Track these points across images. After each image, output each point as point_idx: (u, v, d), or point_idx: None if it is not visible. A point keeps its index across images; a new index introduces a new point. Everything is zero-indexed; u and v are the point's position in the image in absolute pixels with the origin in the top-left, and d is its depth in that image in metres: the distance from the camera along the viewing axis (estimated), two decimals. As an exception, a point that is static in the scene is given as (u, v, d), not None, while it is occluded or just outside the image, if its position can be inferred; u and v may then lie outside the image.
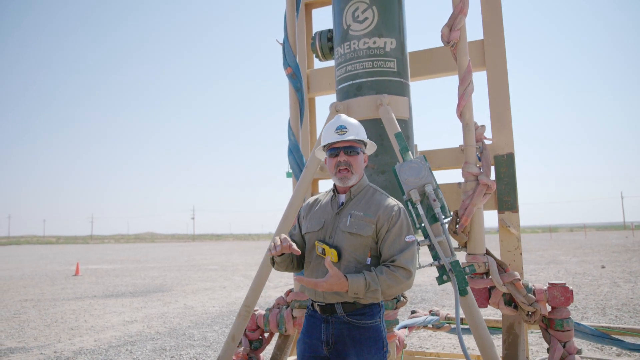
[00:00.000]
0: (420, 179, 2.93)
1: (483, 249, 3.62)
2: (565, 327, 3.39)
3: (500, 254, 3.83)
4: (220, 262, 24.23)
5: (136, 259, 28.19)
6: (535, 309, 3.40)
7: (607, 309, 7.84)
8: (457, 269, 2.63)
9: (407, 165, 2.98)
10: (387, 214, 2.10)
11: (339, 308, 2.06)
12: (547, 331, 3.48)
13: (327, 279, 1.94)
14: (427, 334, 6.16)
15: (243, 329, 3.41)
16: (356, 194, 2.21)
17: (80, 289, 12.82)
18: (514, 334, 3.57)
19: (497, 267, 3.54)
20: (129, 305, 9.68)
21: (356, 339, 2.04)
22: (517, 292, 3.43)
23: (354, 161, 2.19)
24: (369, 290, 1.95)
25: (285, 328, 4.00)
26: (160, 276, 16.36)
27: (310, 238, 2.21)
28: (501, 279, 3.46)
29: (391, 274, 1.98)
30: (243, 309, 3.40)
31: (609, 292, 9.66)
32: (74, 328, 7.42)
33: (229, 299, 10.34)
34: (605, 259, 18.16)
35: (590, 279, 12.01)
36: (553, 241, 37.90)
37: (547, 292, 3.45)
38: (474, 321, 2.89)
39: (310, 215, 2.28)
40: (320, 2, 4.96)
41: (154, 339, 6.45)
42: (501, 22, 4.02)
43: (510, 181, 3.86)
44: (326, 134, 2.27)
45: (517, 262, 3.76)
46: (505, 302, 3.53)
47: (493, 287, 3.55)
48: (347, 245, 2.09)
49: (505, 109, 3.94)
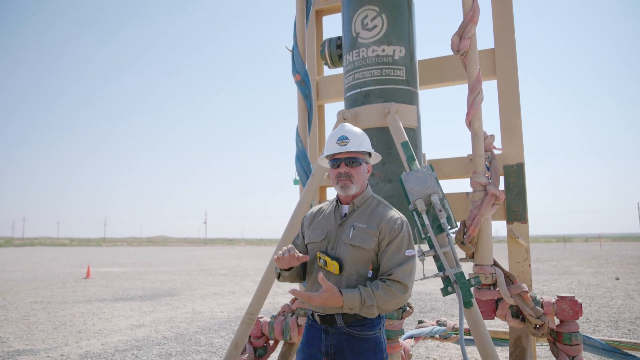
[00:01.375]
0: (426, 189, 2.91)
1: (490, 260, 3.57)
2: (574, 341, 3.33)
3: (509, 265, 3.78)
4: (231, 266, 24.28)
5: (147, 263, 28.36)
6: (543, 322, 3.34)
7: (620, 322, 7.68)
8: (462, 280, 2.60)
9: (413, 175, 2.96)
10: (390, 227, 2.07)
11: (339, 319, 2.04)
12: (555, 345, 3.42)
13: (321, 293, 1.92)
14: (435, 344, 6.09)
15: (246, 336, 3.40)
16: (359, 205, 2.19)
17: (90, 292, 12.91)
18: (521, 347, 3.51)
19: (504, 278, 3.49)
20: (138, 309, 9.72)
21: (356, 350, 2.01)
22: (525, 304, 3.37)
23: (355, 172, 2.16)
24: (364, 305, 1.94)
25: (290, 336, 3.99)
26: (170, 280, 16.43)
27: (313, 248, 2.19)
28: (508, 290, 3.41)
29: (387, 289, 1.96)
30: (246, 316, 3.39)
31: (622, 305, 9.47)
32: (82, 331, 7.46)
33: (237, 305, 10.34)
34: (620, 270, 17.83)
35: (604, 290, 11.80)
36: (567, 251, 37.37)
37: (555, 305, 3.39)
38: (478, 334, 2.85)
39: (314, 225, 2.26)
40: (330, 9, 4.97)
41: (161, 344, 6.46)
42: (513, 32, 3.99)
43: (520, 192, 3.81)
44: (329, 144, 2.25)
45: (526, 273, 3.70)
46: (512, 314, 3.47)
47: (500, 298, 3.50)
48: (349, 257, 2.06)
49: (516, 119, 3.90)
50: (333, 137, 2.23)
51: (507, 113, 3.92)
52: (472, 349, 5.19)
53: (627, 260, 23.91)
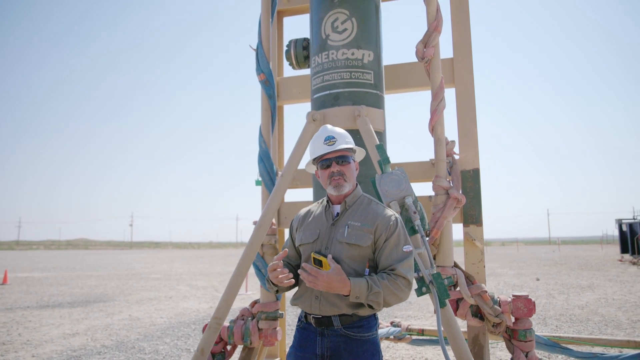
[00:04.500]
0: (400, 191, 2.96)
1: (451, 261, 3.70)
2: (528, 337, 3.52)
3: (465, 266, 3.93)
4: (163, 270, 23.40)
5: (71, 267, 26.63)
6: (501, 320, 3.51)
7: (547, 319, 8.26)
8: (439, 280, 2.66)
9: (388, 177, 3.01)
10: (385, 224, 2.09)
11: (336, 320, 2.02)
12: (511, 342, 3.60)
13: (330, 272, 1.90)
14: (385, 345, 6.21)
15: (213, 342, 3.29)
16: (351, 204, 2.19)
17: (10, 299, 11.90)
18: (479, 345, 3.67)
19: (464, 279, 3.63)
20: (68, 317, 9.09)
21: (354, 353, 2.00)
22: (485, 303, 3.53)
23: (346, 170, 2.17)
24: (371, 292, 1.92)
25: (251, 340, 3.89)
26: (99, 285, 15.52)
27: (305, 250, 2.16)
28: (469, 290, 3.55)
29: (392, 281, 1.97)
30: (213, 321, 3.28)
31: (546, 303, 10.19)
32: (6, 342, 6.85)
33: (177, 310, 9.96)
34: (538, 271, 19.22)
35: (528, 290, 12.64)
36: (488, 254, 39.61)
37: (511, 303, 3.57)
38: (451, 332, 2.94)
39: (304, 226, 2.23)
40: (292, 10, 4.94)
41: (101, 353, 6.07)
42: (469, 42, 4.17)
43: (476, 196, 3.98)
44: (315, 146, 2.23)
45: (481, 274, 3.87)
46: (472, 313, 3.61)
47: (461, 298, 3.63)
48: (345, 256, 2.05)
49: (472, 126, 4.07)
50: (318, 139, 2.22)
51: (464, 121, 4.08)
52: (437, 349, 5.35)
53: (543, 262, 25.82)
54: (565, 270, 19.38)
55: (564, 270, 19.73)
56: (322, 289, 1.91)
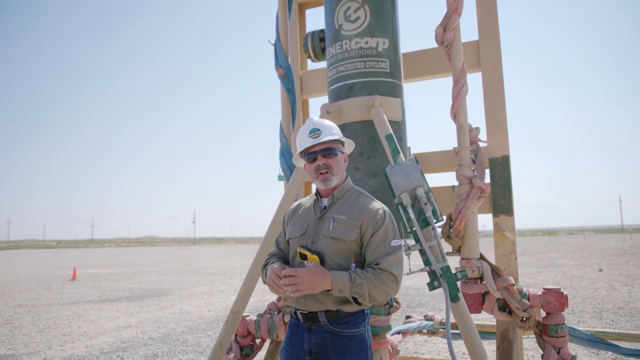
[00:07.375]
0: (411, 182, 2.86)
1: (477, 253, 3.55)
2: (560, 333, 3.32)
3: (495, 259, 3.76)
4: (220, 265, 24.14)
5: (135, 263, 28.08)
6: (529, 314, 3.32)
7: (603, 313, 7.76)
8: (448, 274, 2.56)
9: (398, 168, 2.91)
10: (372, 218, 2.02)
11: (321, 316, 1.98)
12: (542, 337, 3.41)
13: (309, 268, 1.88)
14: (423, 339, 6.08)
15: (231, 335, 3.34)
16: (339, 197, 2.14)
17: (76, 294, 12.72)
18: (508, 340, 3.49)
19: (491, 272, 3.47)
20: (124, 310, 9.59)
21: (339, 349, 1.96)
22: (511, 297, 3.36)
23: (333, 162, 2.11)
24: (354, 284, 1.87)
25: (277, 334, 3.93)
26: (157, 280, 16.27)
27: (293, 244, 2.14)
28: (495, 284, 3.39)
29: (376, 274, 1.91)
30: (231, 315, 3.33)
31: (605, 296, 9.59)
32: (67, 334, 7.33)
33: (226, 304, 10.25)
34: (602, 262, 18.09)
35: (588, 282, 11.94)
36: (552, 244, 37.82)
37: (541, 297, 3.38)
38: (465, 328, 2.82)
39: (294, 220, 2.21)
40: (313, 2, 4.90)
41: (147, 345, 6.36)
42: (497, 23, 3.96)
43: (505, 184, 3.79)
44: (300, 139, 2.18)
45: (512, 266, 3.68)
46: (499, 307, 3.45)
47: (487, 292, 3.48)
48: (330, 251, 2.01)
49: (501, 111, 3.87)
50: (303, 132, 2.17)
51: (492, 106, 3.89)
52: (459, 343, 5.18)
53: (610, 252, 24.28)
54: (634, 260, 18.12)
55: (632, 260, 18.45)
56: (306, 288, 1.88)
